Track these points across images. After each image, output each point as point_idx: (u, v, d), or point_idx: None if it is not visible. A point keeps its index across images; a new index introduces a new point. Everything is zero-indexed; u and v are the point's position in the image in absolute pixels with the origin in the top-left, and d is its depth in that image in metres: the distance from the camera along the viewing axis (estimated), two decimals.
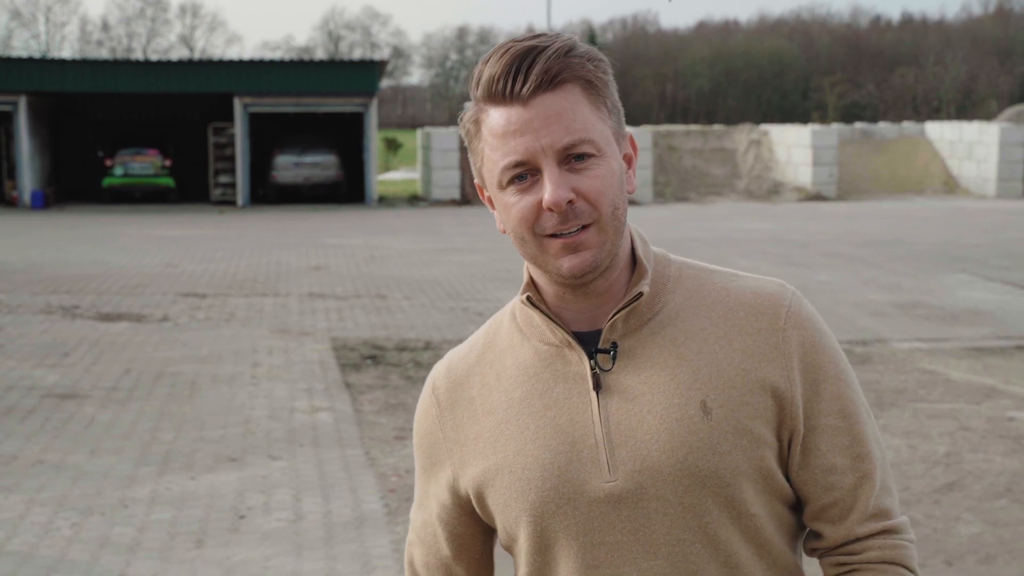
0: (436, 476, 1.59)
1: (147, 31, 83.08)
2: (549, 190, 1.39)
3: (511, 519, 1.51)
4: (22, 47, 77.13)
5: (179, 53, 79.28)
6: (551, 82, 1.40)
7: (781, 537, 1.50)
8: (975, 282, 14.31)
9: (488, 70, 1.43)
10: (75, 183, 29.11)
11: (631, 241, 1.51)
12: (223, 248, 18.31)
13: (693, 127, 31.68)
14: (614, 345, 1.46)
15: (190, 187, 28.28)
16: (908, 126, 31.18)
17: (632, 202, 27.09)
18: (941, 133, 29.96)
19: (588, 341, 1.48)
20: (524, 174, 1.42)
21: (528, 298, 1.50)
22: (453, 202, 26.44)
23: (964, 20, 72.19)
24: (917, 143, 29.90)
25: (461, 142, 27.02)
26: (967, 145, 28.91)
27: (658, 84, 68.42)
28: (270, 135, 27.81)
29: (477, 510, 1.56)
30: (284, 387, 8.38)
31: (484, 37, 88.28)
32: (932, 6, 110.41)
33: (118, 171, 27.22)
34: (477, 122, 1.46)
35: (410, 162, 42.85)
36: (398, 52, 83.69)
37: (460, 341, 10.44)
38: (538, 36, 1.44)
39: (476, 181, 1.54)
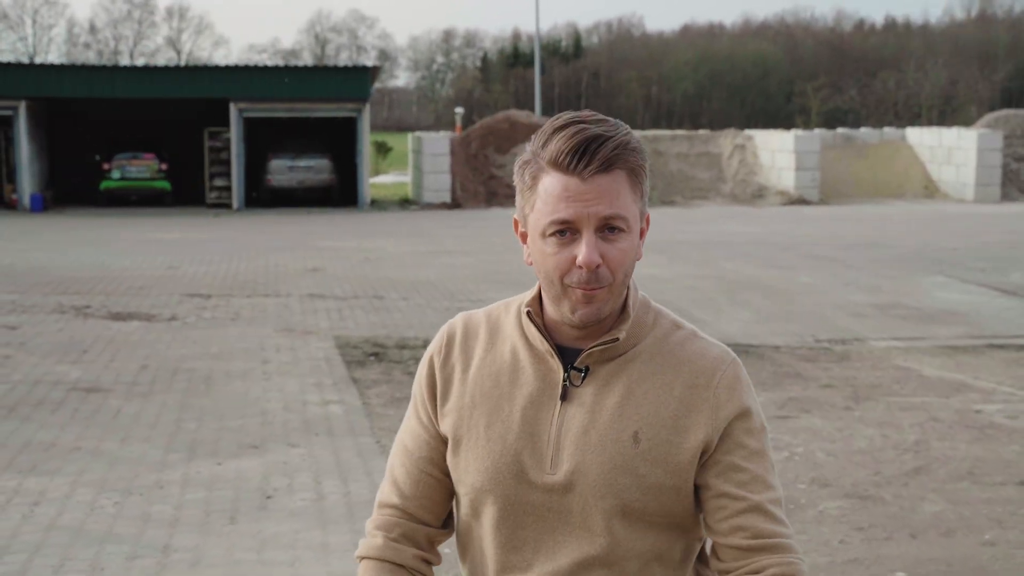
0: (426, 402, 1.92)
1: (134, 34, 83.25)
2: (585, 252, 1.72)
3: (465, 476, 1.85)
4: (8, 49, 77.25)
5: (166, 56, 79.42)
6: (607, 167, 1.73)
7: (678, 558, 1.83)
8: (951, 284, 14.85)
9: (559, 143, 1.74)
10: (71, 186, 29.51)
11: (631, 294, 1.85)
12: (221, 250, 18.74)
13: (679, 132, 32.26)
14: (587, 368, 1.80)
15: (185, 190, 28.71)
16: (889, 131, 31.80)
17: None
18: (921, 138, 30.58)
19: (568, 355, 1.82)
20: (566, 231, 1.74)
21: (528, 313, 1.84)
22: (444, 205, 26.92)
23: (947, 24, 72.82)
24: (898, 148, 30.52)
25: (452, 146, 27.55)
26: (946, 150, 29.54)
27: (643, 87, 68.77)
28: (264, 139, 28.25)
29: (446, 450, 1.89)
30: (295, 382, 8.85)
31: (470, 40, 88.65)
32: (915, 10, 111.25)
33: (115, 174, 27.65)
34: (536, 178, 1.78)
35: (400, 165, 43.28)
36: (384, 55, 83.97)
37: None
38: (603, 122, 1.76)
39: (516, 216, 1.87)
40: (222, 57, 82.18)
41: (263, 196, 27.90)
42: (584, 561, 1.78)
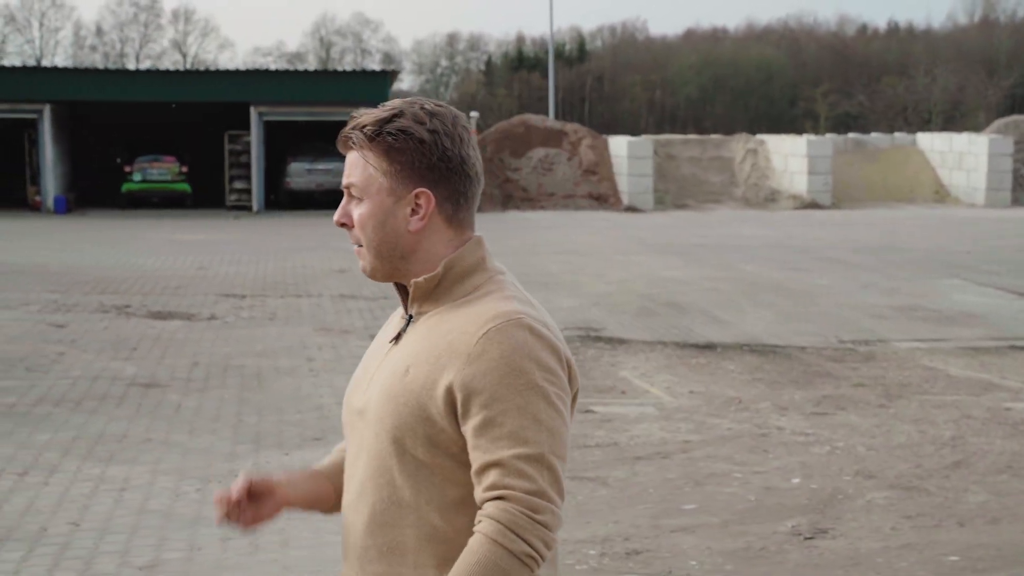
0: None
1: (140, 36, 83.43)
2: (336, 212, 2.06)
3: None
4: (16, 52, 77.54)
5: (172, 59, 79.67)
6: (348, 143, 1.98)
7: (436, 482, 1.88)
8: (968, 287, 15.14)
9: None
10: (91, 188, 29.84)
11: (455, 254, 1.96)
12: (247, 252, 19.04)
13: (691, 136, 32.57)
14: (410, 317, 1.99)
15: (205, 193, 29.05)
16: (900, 136, 32.12)
17: (633, 208, 27.96)
18: (932, 144, 30.89)
19: None
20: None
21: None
22: None
23: (950, 30, 73.04)
24: (908, 153, 30.83)
25: None
26: (957, 155, 29.84)
27: (647, 91, 68.95)
28: (282, 143, 28.58)
29: None
30: (342, 378, 9.15)
31: (474, 44, 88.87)
32: (918, 15, 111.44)
33: (136, 177, 28.00)
34: None
35: None
36: (389, 58, 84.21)
37: None
38: (380, 108, 2.00)
39: None
40: (227, 60, 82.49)
41: (282, 199, 28.23)
42: (365, 484, 1.93)
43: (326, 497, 2.12)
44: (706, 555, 4.99)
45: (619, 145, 28.93)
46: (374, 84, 27.24)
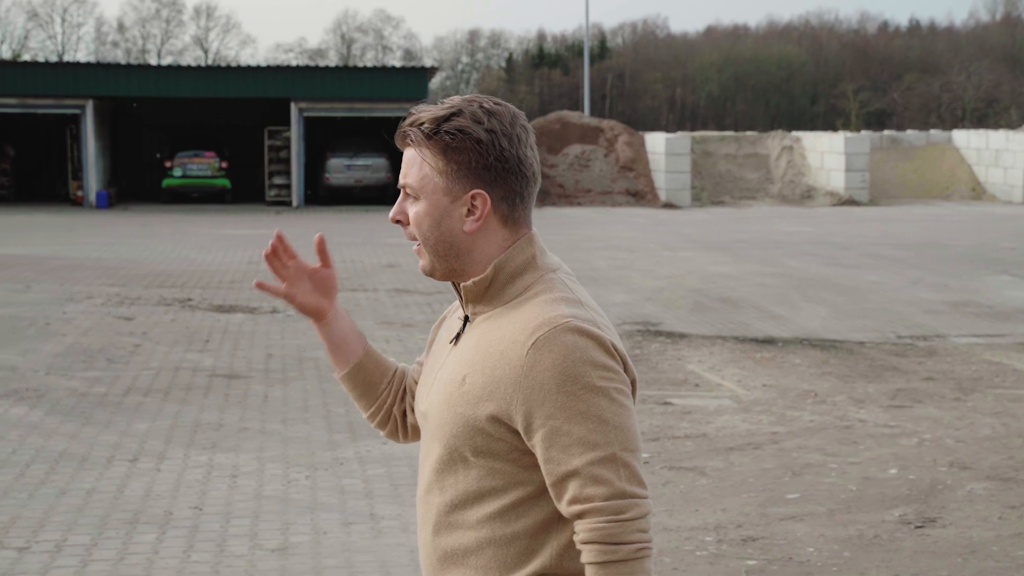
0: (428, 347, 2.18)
1: (162, 32, 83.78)
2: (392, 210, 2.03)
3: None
4: (38, 47, 78.07)
5: (193, 54, 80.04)
6: (403, 141, 1.98)
7: (497, 487, 1.89)
8: (1018, 283, 15.17)
9: None
10: (131, 184, 30.11)
11: (505, 254, 1.95)
12: (293, 246, 19.20)
13: (727, 133, 32.61)
14: (467, 318, 1.99)
15: (244, 188, 29.27)
16: (935, 133, 32.07)
17: (671, 205, 28.04)
18: (968, 141, 30.85)
19: None
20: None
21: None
22: None
23: (972, 27, 72.71)
24: (944, 150, 30.80)
25: None
26: (994, 152, 29.79)
27: (667, 88, 68.84)
28: (321, 139, 28.76)
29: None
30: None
31: (495, 40, 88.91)
32: (940, 13, 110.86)
33: (177, 172, 28.24)
34: None
35: None
36: (410, 55, 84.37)
37: None
38: (436, 104, 2.00)
39: None
40: (249, 56, 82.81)
41: (321, 194, 28.41)
42: (432, 484, 1.96)
43: (350, 353, 2.18)
44: (821, 542, 5.10)
45: (656, 142, 29.01)
46: (413, 80, 27.41)
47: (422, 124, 1.94)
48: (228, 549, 5.08)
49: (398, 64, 43.07)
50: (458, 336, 1.99)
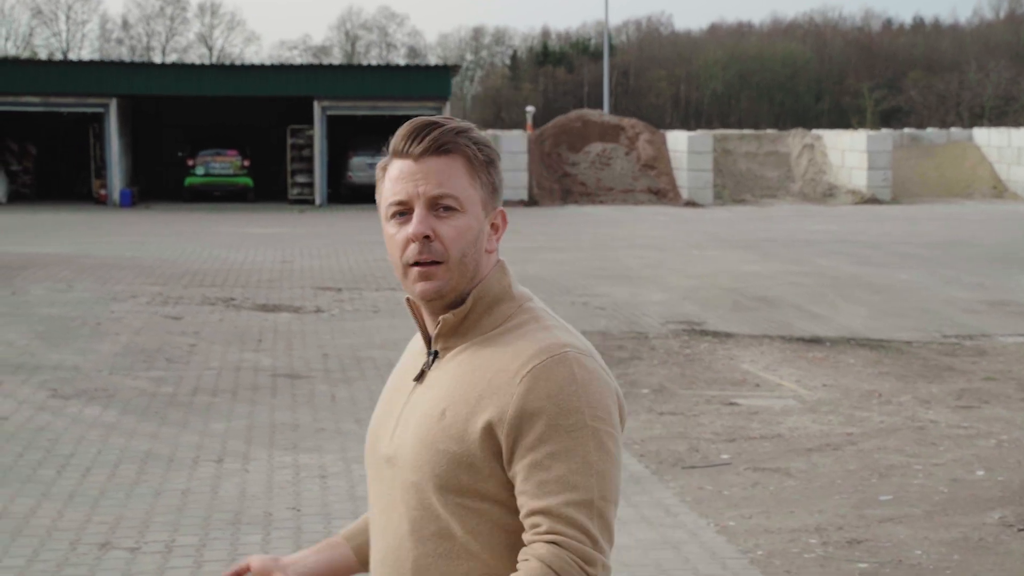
0: None
1: (166, 30, 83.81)
2: (413, 224, 1.80)
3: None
4: (42, 45, 78.12)
5: (198, 52, 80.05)
6: (439, 149, 1.81)
7: (486, 529, 1.78)
8: None
9: (399, 133, 1.87)
10: (150, 182, 30.14)
11: (481, 283, 1.85)
12: (322, 245, 19.22)
13: (747, 131, 32.62)
14: (435, 353, 1.86)
15: (266, 186, 29.29)
16: (956, 131, 32.09)
17: (693, 203, 28.04)
18: (989, 139, 30.83)
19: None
20: (403, 211, 1.83)
21: (408, 299, 1.92)
22: (521, 203, 27.38)
23: (976, 25, 72.70)
24: (965, 148, 30.79)
25: (530, 144, 28.02)
26: (1016, 150, 29.77)
27: (671, 86, 68.82)
28: (343, 137, 28.79)
29: None
30: None
31: (499, 38, 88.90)
32: (944, 10, 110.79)
33: (199, 171, 28.28)
34: (384, 169, 1.89)
35: None
36: (414, 52, 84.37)
37: (593, 332, 11.38)
38: (444, 117, 1.88)
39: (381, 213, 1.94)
40: (253, 54, 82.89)
41: (343, 192, 28.43)
42: (404, 537, 1.82)
43: (344, 566, 2.03)
44: (926, 545, 5.12)
45: (678, 140, 29.02)
46: (436, 79, 27.44)
47: (465, 132, 1.84)
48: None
49: (421, 63, 43.20)
50: (422, 373, 1.87)
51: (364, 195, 28.22)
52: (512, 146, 27.55)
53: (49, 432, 7.01)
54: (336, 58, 74.80)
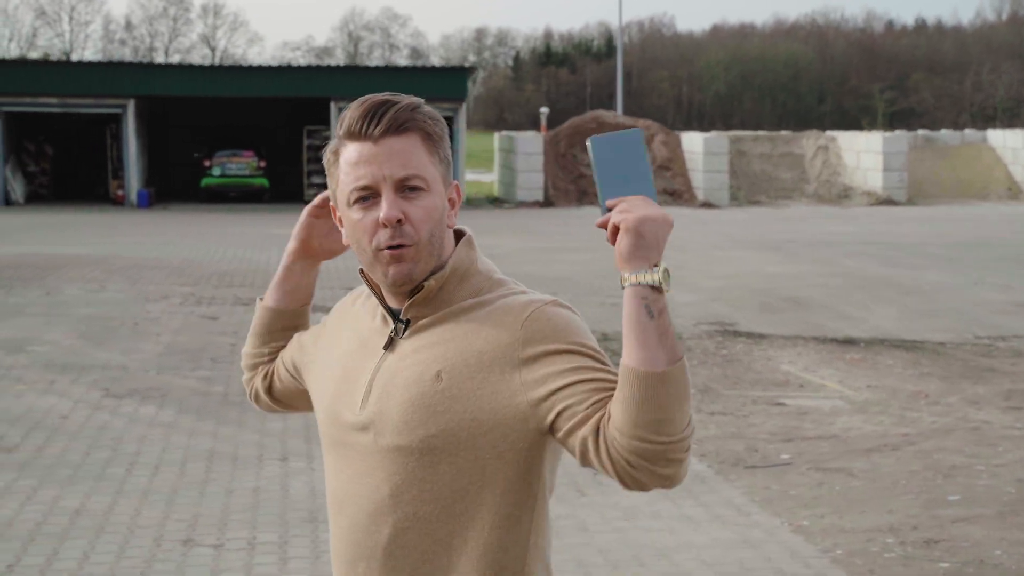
0: (313, 335, 2.06)
1: (169, 31, 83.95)
2: (385, 209, 1.75)
3: (316, 408, 1.97)
4: (46, 46, 78.25)
5: (201, 53, 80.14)
6: (398, 128, 1.77)
7: (491, 493, 1.77)
8: None
9: (351, 114, 1.80)
10: (166, 183, 30.19)
11: (451, 255, 1.83)
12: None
13: (761, 133, 32.65)
14: (407, 321, 1.82)
15: (282, 187, 29.34)
16: (970, 133, 32.13)
17: (709, 205, 28.05)
18: (1004, 140, 30.85)
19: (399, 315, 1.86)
20: (368, 196, 1.77)
21: (361, 271, 1.87)
22: (537, 204, 27.41)
23: (979, 26, 72.75)
24: (979, 149, 30.82)
25: (545, 145, 28.04)
26: None
27: (674, 87, 68.91)
28: None
29: (300, 382, 2.06)
30: None
31: (502, 39, 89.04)
32: (946, 12, 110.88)
33: (215, 171, 28.32)
34: (336, 153, 1.82)
35: (472, 164, 43.68)
36: (416, 53, 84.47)
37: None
38: (394, 95, 1.82)
39: (331, 203, 1.90)
40: (256, 54, 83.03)
41: None
42: (383, 502, 1.79)
43: (294, 300, 2.13)
44: (1005, 545, 5.14)
45: (693, 141, 29.05)
46: (453, 80, 27.49)
47: (419, 108, 1.81)
48: None
49: (437, 64, 43.27)
50: (391, 340, 1.84)
51: None
52: (527, 147, 27.59)
53: (110, 431, 7.03)
54: (339, 59, 74.83)
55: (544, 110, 30.91)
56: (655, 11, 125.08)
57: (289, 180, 29.63)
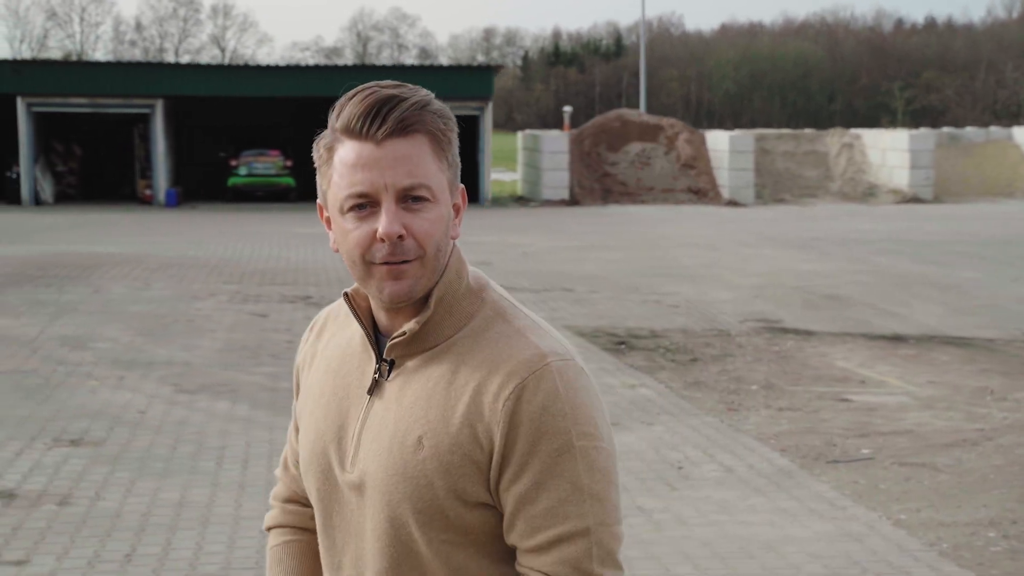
0: (294, 387, 1.83)
1: (179, 31, 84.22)
2: (384, 223, 1.53)
3: (301, 462, 1.75)
4: (57, 47, 78.54)
5: (210, 53, 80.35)
6: (404, 129, 1.55)
7: (470, 565, 1.60)
8: None
9: (351, 107, 1.58)
10: (196, 182, 30.29)
11: (440, 280, 1.60)
12: None
13: (784, 131, 32.65)
14: (391, 362, 1.62)
15: (308, 186, 29.40)
16: (996, 130, 32.09)
17: (734, 203, 28.07)
18: None
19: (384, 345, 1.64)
20: (364, 204, 1.55)
21: (346, 295, 1.67)
22: (562, 202, 27.44)
23: (990, 24, 72.59)
24: (1005, 147, 30.79)
25: (571, 144, 28.08)
26: None
27: (683, 86, 68.92)
28: None
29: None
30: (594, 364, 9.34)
31: (510, 39, 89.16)
32: (955, 10, 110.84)
33: (242, 171, 28.40)
34: (331, 150, 1.60)
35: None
36: (425, 53, 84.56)
37: (674, 329, 11.43)
38: (400, 86, 1.59)
39: (319, 201, 1.67)
40: (265, 55, 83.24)
41: None
42: (379, 571, 1.62)
43: None
44: None
45: (718, 139, 29.07)
46: (481, 79, 27.54)
47: (428, 106, 1.58)
48: None
49: (463, 62, 43.37)
50: (375, 382, 1.63)
51: None
52: (553, 146, 27.62)
53: (191, 426, 7.08)
54: (348, 59, 74.91)
55: (567, 109, 30.94)
56: (664, 10, 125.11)
57: (313, 179, 29.61)
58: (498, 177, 36.87)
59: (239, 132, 29.68)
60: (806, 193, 29.39)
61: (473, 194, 28.19)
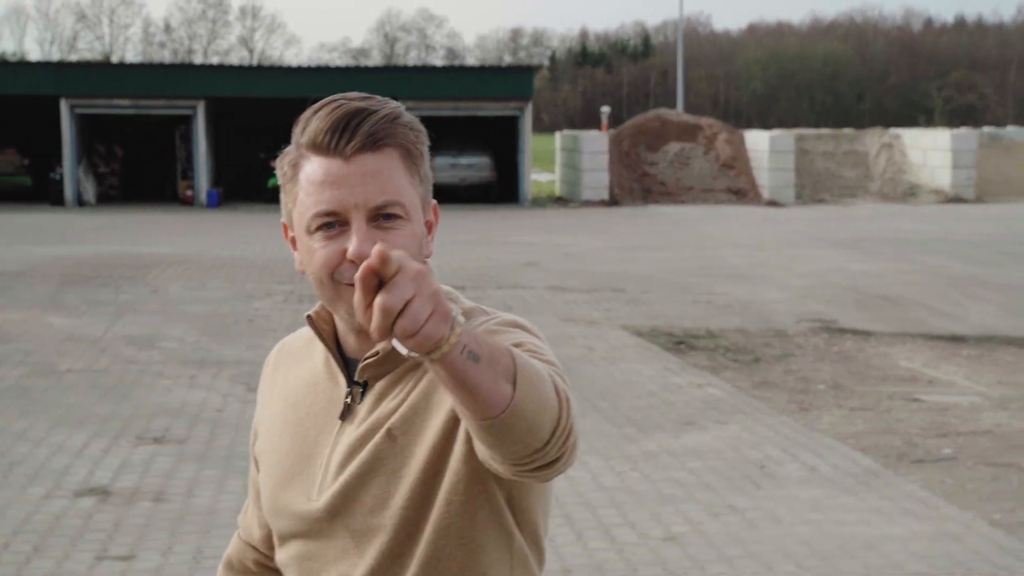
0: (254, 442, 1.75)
1: (208, 33, 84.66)
2: (355, 244, 1.46)
3: (265, 503, 1.67)
4: (86, 48, 79.17)
5: (239, 55, 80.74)
6: (374, 144, 1.48)
7: (485, 566, 1.54)
8: None
9: (317, 121, 1.50)
10: (235, 183, 30.47)
11: None
12: None
13: (824, 131, 32.50)
14: (364, 383, 1.56)
15: None
16: None
17: (775, 203, 27.95)
18: None
19: (355, 368, 1.59)
20: (333, 223, 1.48)
21: (309, 318, 1.62)
22: (602, 203, 27.41)
23: (1020, 23, 72.01)
24: None
25: (610, 144, 28.06)
26: None
27: (711, 86, 68.74)
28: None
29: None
30: (642, 367, 9.34)
31: (537, 39, 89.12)
32: (985, 9, 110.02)
33: None
34: (296, 166, 1.53)
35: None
36: (453, 54, 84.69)
37: (731, 329, 11.40)
38: (369, 98, 1.52)
39: (283, 220, 1.61)
40: (293, 56, 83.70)
41: None
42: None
43: None
44: None
45: (758, 139, 28.98)
46: (521, 79, 27.57)
47: (399, 118, 1.52)
48: (618, 538, 5.16)
49: (503, 63, 43.56)
50: (347, 407, 1.58)
51: (447, 195, 28.34)
52: (592, 146, 27.60)
53: None
54: (375, 60, 75.13)
55: (605, 109, 30.91)
56: (692, 10, 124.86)
57: None
58: (533, 178, 36.90)
59: (276, 133, 29.79)
60: (846, 193, 29.25)
61: (513, 195, 28.22)
